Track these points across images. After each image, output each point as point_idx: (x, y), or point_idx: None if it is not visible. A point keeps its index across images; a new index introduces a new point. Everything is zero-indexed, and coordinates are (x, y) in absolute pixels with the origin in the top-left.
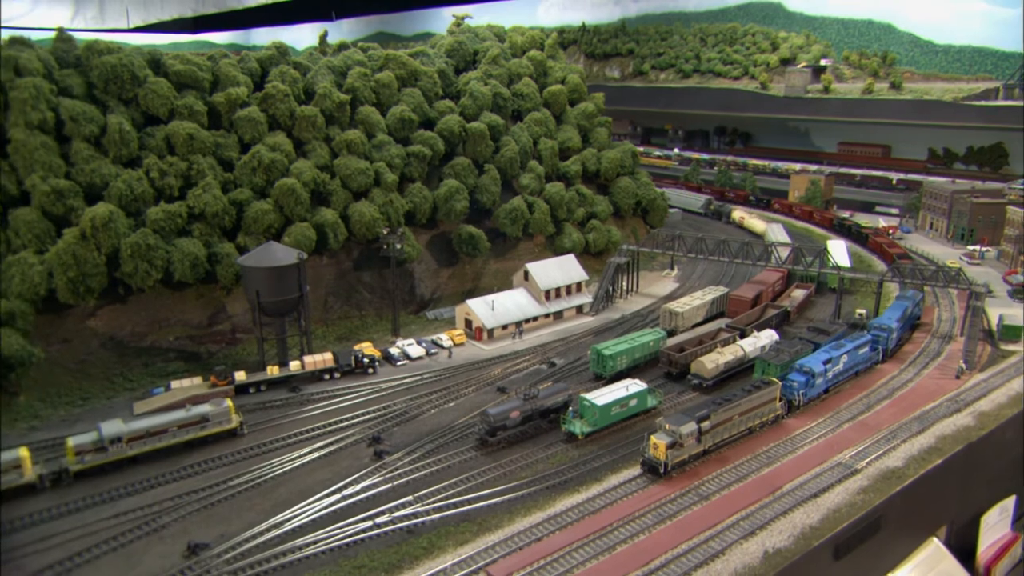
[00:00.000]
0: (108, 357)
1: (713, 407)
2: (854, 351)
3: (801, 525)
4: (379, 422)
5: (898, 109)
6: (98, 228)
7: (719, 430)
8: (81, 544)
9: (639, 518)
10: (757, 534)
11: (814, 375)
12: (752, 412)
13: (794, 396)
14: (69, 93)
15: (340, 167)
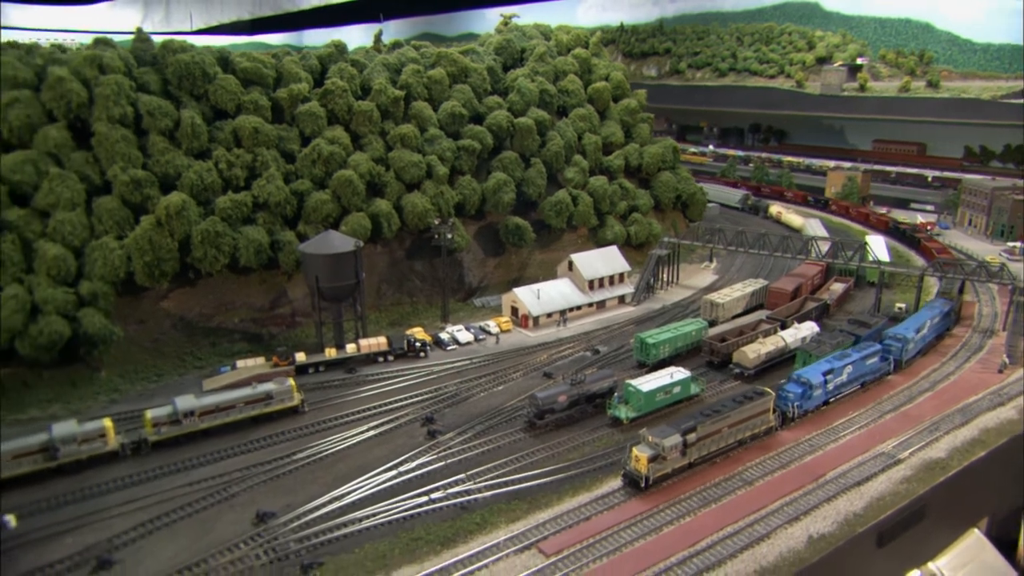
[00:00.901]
0: (179, 337)
1: (700, 419)
2: (860, 361)
3: (845, 512)
4: (431, 403)
5: (934, 107)
6: (172, 216)
7: (706, 442)
8: (160, 509)
9: (684, 501)
10: (802, 519)
11: (811, 386)
12: (743, 424)
13: (788, 408)
14: (146, 89)
15: (394, 160)
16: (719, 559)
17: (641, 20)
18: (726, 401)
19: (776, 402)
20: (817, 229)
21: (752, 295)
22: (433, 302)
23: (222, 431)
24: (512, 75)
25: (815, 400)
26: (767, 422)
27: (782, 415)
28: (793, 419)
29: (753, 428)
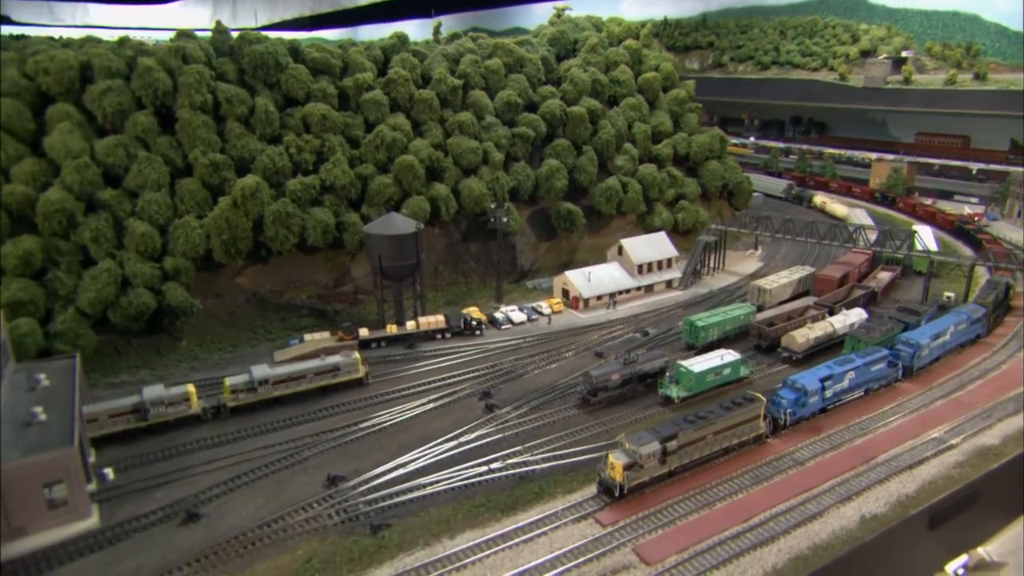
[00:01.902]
0: (252, 311)
1: (682, 425)
2: (864, 367)
3: (897, 494)
4: (488, 379)
5: (981, 100)
6: (246, 197)
7: (689, 450)
8: (239, 469)
9: (736, 478)
10: (854, 499)
11: (806, 393)
12: (730, 431)
13: (780, 415)
14: (224, 78)
15: (452, 146)
16: (772, 535)
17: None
18: (713, 407)
19: (768, 408)
20: (862, 219)
21: (799, 282)
22: (487, 283)
23: (293, 399)
24: (565, 65)
25: (810, 407)
26: (756, 429)
27: (773, 422)
28: (785, 426)
29: (741, 435)
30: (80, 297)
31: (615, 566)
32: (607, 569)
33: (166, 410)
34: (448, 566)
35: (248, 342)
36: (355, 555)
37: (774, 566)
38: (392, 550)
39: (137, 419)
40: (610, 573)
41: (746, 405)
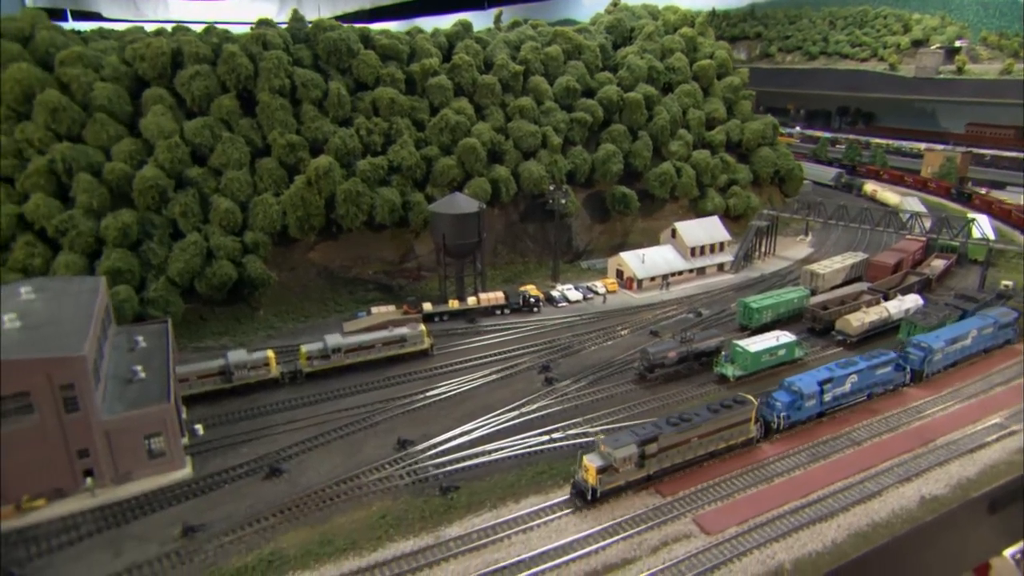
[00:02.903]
0: (322, 284)
1: (665, 428)
2: (869, 370)
3: (958, 476)
4: (546, 353)
5: None
6: (320, 176)
7: (670, 453)
8: (316, 430)
9: (792, 456)
10: (913, 480)
11: (803, 396)
12: (717, 434)
13: (773, 418)
14: (301, 64)
15: (513, 130)
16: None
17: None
18: (699, 409)
19: (762, 411)
20: (916, 207)
21: (852, 267)
22: (543, 262)
23: (363, 367)
24: (622, 52)
25: (806, 411)
26: (747, 433)
27: (765, 426)
28: (779, 431)
29: (729, 439)
30: (170, 267)
31: (676, 534)
32: (668, 537)
33: (248, 373)
34: (515, 528)
35: (319, 313)
36: (426, 514)
37: (834, 541)
38: (460, 511)
39: (222, 380)
40: (671, 541)
41: (735, 408)
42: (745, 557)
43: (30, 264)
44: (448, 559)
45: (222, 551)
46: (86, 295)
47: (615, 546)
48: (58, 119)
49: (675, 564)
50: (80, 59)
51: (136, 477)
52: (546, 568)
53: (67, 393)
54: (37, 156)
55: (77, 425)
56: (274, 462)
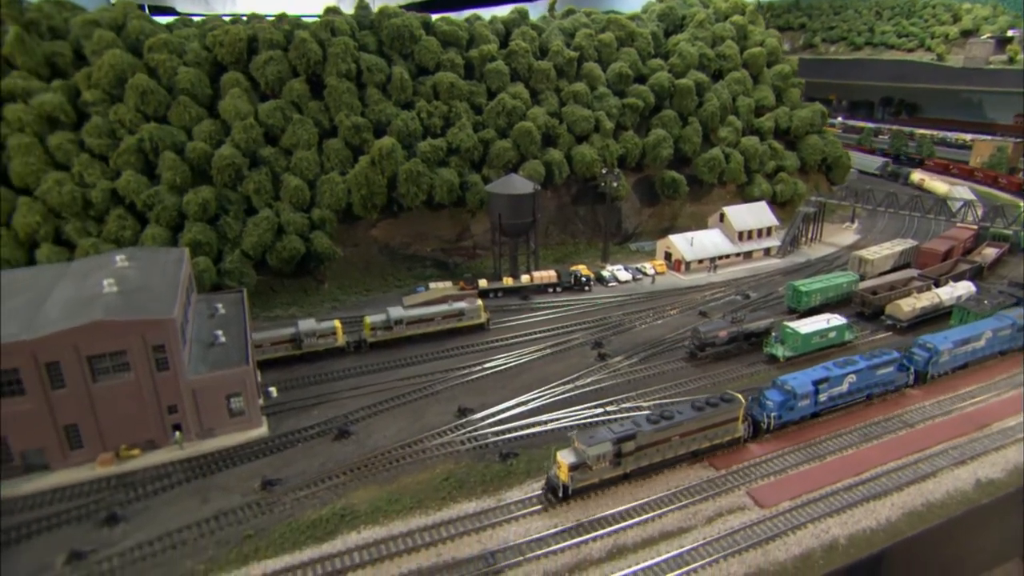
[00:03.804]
0: (383, 260)
1: (644, 426)
2: (869, 370)
3: (1015, 461)
4: (598, 330)
5: None
6: (383, 156)
7: (649, 452)
8: (381, 396)
9: (845, 435)
10: (968, 463)
11: (795, 395)
12: (700, 433)
13: (763, 418)
14: (366, 49)
15: (567, 114)
16: (885, 489)
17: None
18: (683, 406)
19: (751, 409)
20: (966, 196)
21: (901, 254)
22: (592, 244)
23: (422, 339)
24: (673, 40)
25: (799, 411)
26: (734, 432)
27: (754, 425)
28: (768, 430)
29: (713, 438)
30: (244, 241)
31: (730, 506)
32: (722, 508)
33: (317, 341)
34: None
35: (380, 287)
36: (487, 478)
37: (888, 519)
38: (520, 476)
39: (293, 347)
40: (725, 512)
41: (721, 406)
42: (800, 531)
43: (121, 235)
44: (510, 521)
45: (298, 504)
46: (172, 264)
47: (671, 515)
48: (146, 101)
49: (730, 534)
50: (166, 46)
51: (218, 433)
52: (604, 533)
53: (158, 354)
54: (128, 136)
55: (167, 383)
56: (343, 424)
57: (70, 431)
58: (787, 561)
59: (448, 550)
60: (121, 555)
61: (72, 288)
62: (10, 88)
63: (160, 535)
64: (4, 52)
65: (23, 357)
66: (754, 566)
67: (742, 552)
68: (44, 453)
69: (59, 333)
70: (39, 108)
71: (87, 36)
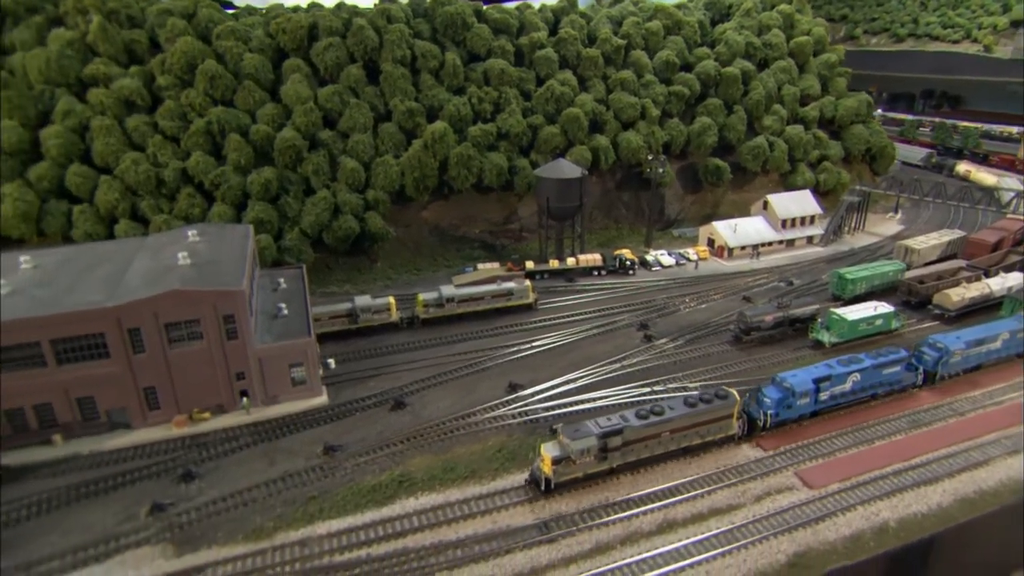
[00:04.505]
0: (433, 241)
1: (632, 421)
2: (874, 369)
3: None
4: (643, 312)
5: None
6: (435, 140)
7: (637, 447)
8: (433, 371)
9: (893, 421)
10: (1021, 453)
11: (794, 393)
12: (692, 429)
13: (760, 415)
14: (420, 36)
15: (613, 101)
16: (936, 476)
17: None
18: (674, 402)
19: (748, 407)
20: (1016, 187)
21: (948, 244)
22: (635, 229)
23: (472, 317)
24: (720, 28)
25: (798, 410)
26: (727, 429)
27: (750, 422)
28: (765, 428)
29: (706, 435)
30: (303, 220)
31: (778, 486)
32: (771, 488)
33: (372, 316)
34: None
35: (429, 267)
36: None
37: (939, 504)
38: None
39: (349, 322)
40: (774, 492)
41: (715, 403)
42: (849, 512)
43: (191, 213)
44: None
45: (358, 469)
46: (239, 240)
47: (720, 492)
48: (215, 86)
49: (779, 513)
50: (233, 33)
51: (281, 401)
52: (655, 507)
53: (228, 323)
54: (197, 119)
55: (235, 351)
56: (398, 396)
57: (149, 393)
58: (837, 541)
59: (503, 518)
60: (197, 509)
61: (150, 260)
62: (92, 74)
63: (232, 492)
64: (88, 40)
65: (109, 323)
66: (804, 544)
67: (792, 531)
68: (126, 412)
69: (140, 301)
70: (118, 92)
71: (161, 24)
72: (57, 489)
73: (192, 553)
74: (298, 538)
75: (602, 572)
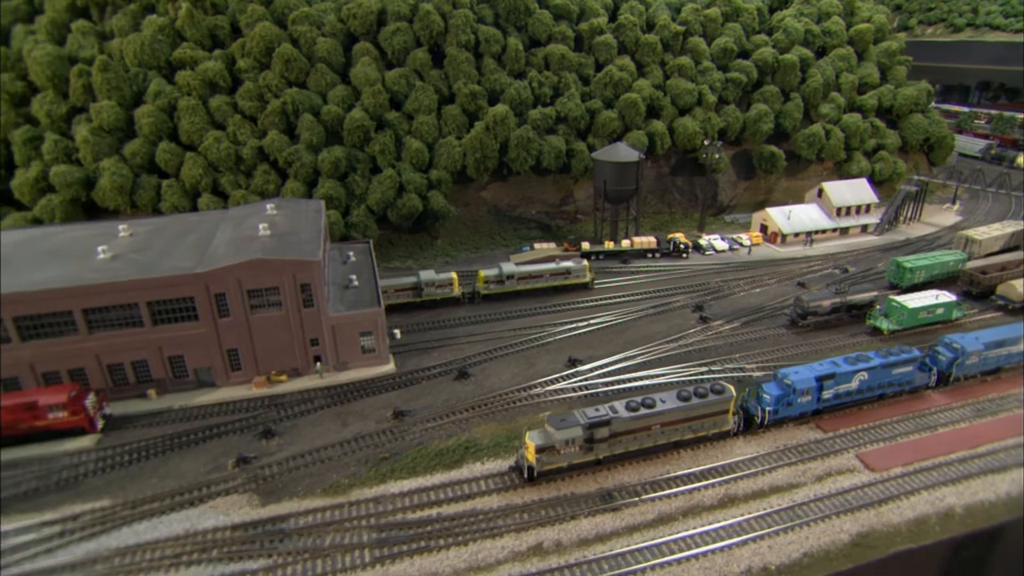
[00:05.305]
0: (491, 220)
1: (622, 412)
2: (883, 369)
3: None
4: (698, 294)
5: None
6: (497, 123)
7: (625, 440)
8: (494, 344)
9: (957, 408)
10: None
11: (795, 391)
12: (684, 424)
13: (757, 412)
14: (483, 21)
15: (670, 87)
16: (1004, 465)
17: None
18: (667, 395)
19: (746, 402)
20: None
21: (1011, 235)
22: (688, 214)
23: (531, 294)
24: (778, 15)
25: (799, 407)
26: (722, 425)
27: (747, 418)
28: (763, 425)
29: (699, 430)
30: (369, 197)
31: (839, 467)
32: (832, 469)
33: (435, 291)
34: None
35: (487, 245)
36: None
37: (1008, 493)
38: None
39: (413, 295)
40: (835, 472)
41: (710, 397)
42: (913, 496)
43: (265, 188)
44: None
45: (426, 434)
46: (313, 214)
47: (781, 470)
48: (290, 68)
49: (841, 493)
50: (307, 18)
51: (351, 367)
52: (716, 482)
53: (304, 292)
54: (273, 99)
55: (311, 318)
56: (462, 366)
57: (232, 355)
58: (901, 524)
59: (567, 486)
60: (278, 464)
61: (233, 231)
62: (180, 57)
63: (309, 450)
64: (177, 26)
65: (198, 287)
66: (867, 525)
67: (855, 511)
68: (211, 372)
69: (226, 268)
70: (203, 74)
71: (242, 11)
72: (154, 439)
73: (276, 503)
74: (372, 495)
75: (666, 542)
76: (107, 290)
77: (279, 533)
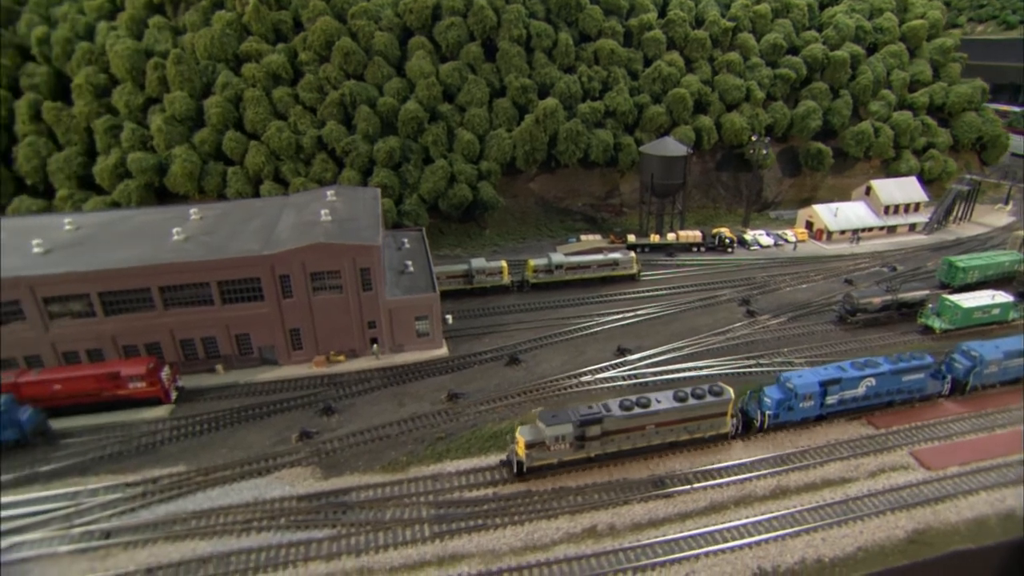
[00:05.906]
0: (538, 211)
1: (615, 411)
2: (893, 375)
3: None
4: (744, 289)
5: None
6: (546, 116)
7: (618, 439)
8: (543, 331)
9: (1015, 410)
10: None
11: (797, 395)
12: (680, 424)
13: (757, 415)
14: (535, 16)
15: (719, 82)
16: None
17: None
18: (663, 395)
19: (746, 405)
20: None
21: None
22: (732, 209)
23: (578, 284)
24: (829, 12)
25: (801, 412)
26: (720, 427)
27: (746, 421)
28: (762, 429)
29: (695, 432)
30: (421, 186)
31: (893, 464)
32: (885, 465)
33: (486, 279)
34: None
35: (534, 236)
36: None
37: None
38: None
39: (465, 282)
40: (888, 469)
41: (707, 399)
42: (972, 496)
43: (323, 176)
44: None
45: (480, 416)
46: (370, 201)
47: (832, 464)
48: (348, 61)
49: (895, 490)
50: (365, 13)
51: (406, 350)
52: (766, 473)
53: (364, 276)
54: (332, 91)
55: (369, 301)
56: (513, 352)
57: (294, 334)
58: (959, 523)
59: (619, 471)
60: (339, 439)
61: (295, 216)
62: (247, 50)
63: (367, 428)
64: (244, 20)
65: (264, 269)
66: (924, 523)
67: (910, 508)
68: (274, 350)
69: (290, 251)
70: (267, 67)
71: (304, 5)
72: (222, 411)
73: (337, 477)
74: (430, 473)
75: (719, 530)
76: (182, 269)
77: (342, 505)
